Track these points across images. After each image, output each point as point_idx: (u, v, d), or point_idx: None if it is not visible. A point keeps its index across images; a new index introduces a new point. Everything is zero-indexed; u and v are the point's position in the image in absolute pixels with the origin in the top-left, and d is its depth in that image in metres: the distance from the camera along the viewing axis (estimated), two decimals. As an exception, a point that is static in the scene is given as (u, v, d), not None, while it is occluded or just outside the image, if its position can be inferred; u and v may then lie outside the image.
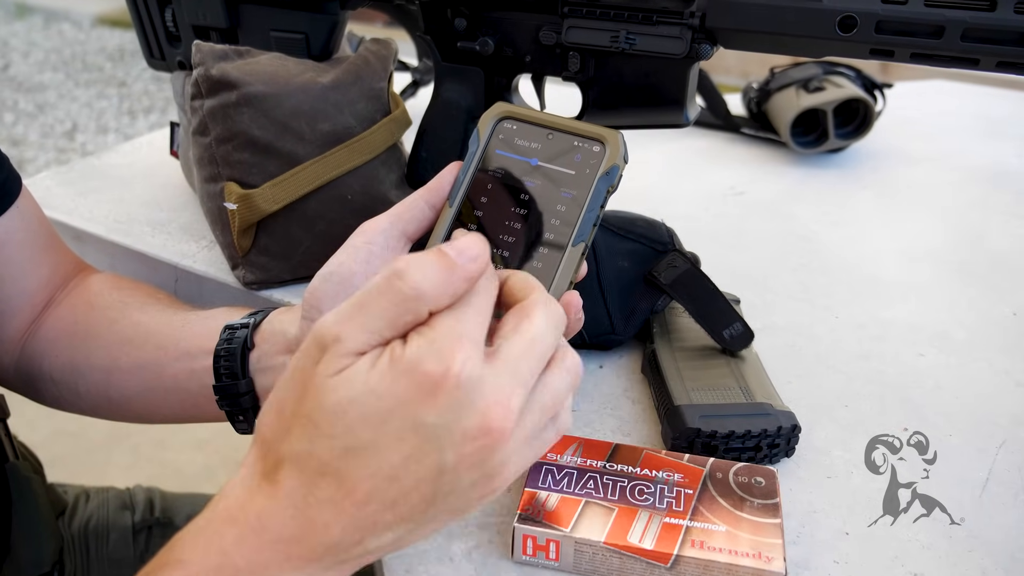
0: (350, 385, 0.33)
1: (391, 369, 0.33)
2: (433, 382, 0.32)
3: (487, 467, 0.34)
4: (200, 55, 0.61)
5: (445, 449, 0.33)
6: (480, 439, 0.33)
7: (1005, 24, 0.44)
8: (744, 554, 0.39)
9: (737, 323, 0.53)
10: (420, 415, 0.33)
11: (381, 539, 0.35)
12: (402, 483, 0.34)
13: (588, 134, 0.48)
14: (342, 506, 0.34)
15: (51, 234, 0.58)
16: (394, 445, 0.33)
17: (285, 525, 0.34)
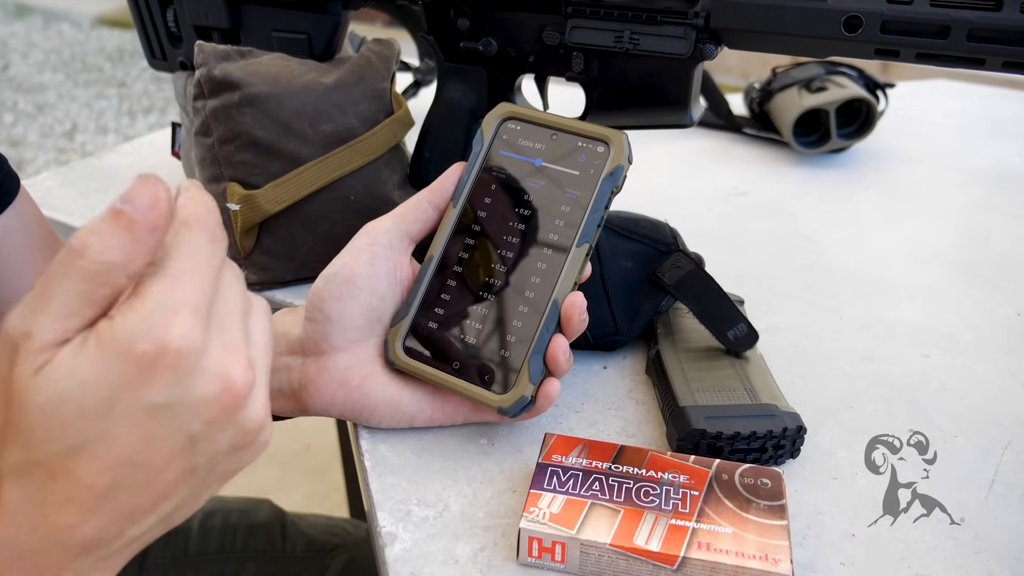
0: (56, 381, 0.30)
1: (101, 353, 0.30)
2: (151, 360, 0.30)
3: (239, 420, 0.32)
4: (203, 55, 0.60)
5: (189, 420, 0.31)
6: (223, 398, 0.31)
7: (1011, 24, 0.44)
8: (751, 556, 0.38)
9: (741, 324, 0.53)
10: (147, 396, 0.30)
11: (143, 524, 0.33)
12: (151, 465, 0.31)
13: (592, 135, 0.48)
14: (86, 502, 0.31)
15: (50, 234, 0.58)
16: (129, 431, 0.31)
17: (22, 541, 0.31)
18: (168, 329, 0.30)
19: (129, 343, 0.29)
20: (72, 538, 0.31)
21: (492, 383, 0.46)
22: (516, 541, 0.41)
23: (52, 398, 0.30)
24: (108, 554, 0.33)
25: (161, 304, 0.30)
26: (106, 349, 0.29)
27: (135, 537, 0.33)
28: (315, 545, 0.78)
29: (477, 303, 0.48)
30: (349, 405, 0.48)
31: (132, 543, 0.33)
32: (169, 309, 0.30)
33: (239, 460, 0.34)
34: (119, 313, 0.30)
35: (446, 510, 0.44)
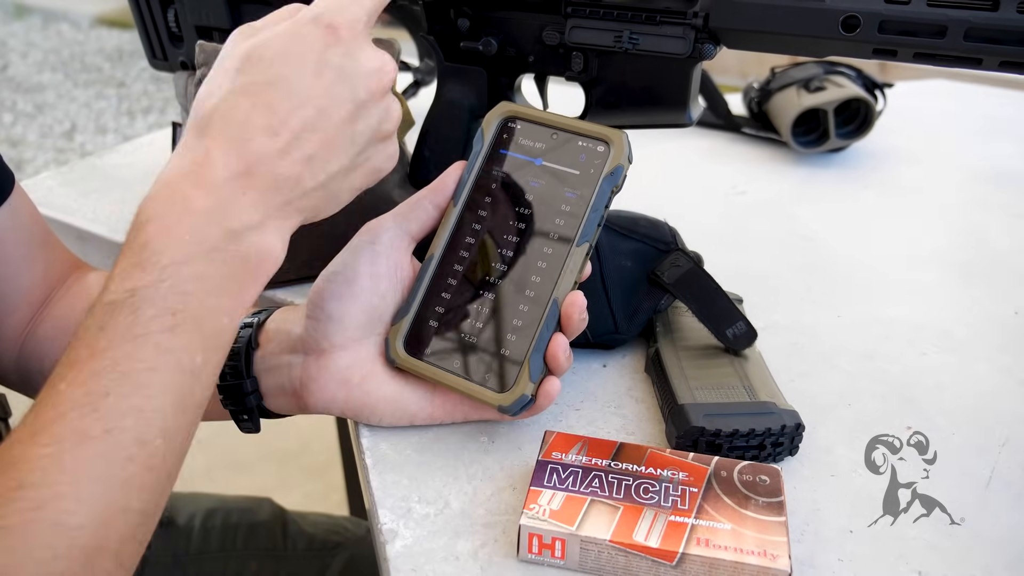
0: (264, 33, 0.41)
1: (298, 21, 0.41)
2: (332, 30, 0.40)
3: (387, 102, 0.43)
4: (204, 55, 0.61)
5: (356, 87, 0.41)
6: (380, 75, 0.42)
7: (1008, 24, 0.45)
8: (749, 552, 0.39)
9: (740, 322, 0.53)
10: (328, 56, 0.40)
11: (316, 176, 0.41)
12: (329, 114, 0.40)
13: (593, 134, 0.48)
14: (279, 133, 0.39)
15: (46, 232, 0.58)
16: (315, 79, 0.40)
17: (231, 163, 0.39)
18: (343, 13, 0.41)
19: (318, 14, 0.41)
20: (267, 165, 0.39)
21: (492, 381, 0.46)
22: (516, 538, 0.41)
23: (258, 43, 0.40)
24: (289, 199, 0.40)
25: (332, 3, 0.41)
26: (302, 18, 0.41)
27: (308, 189, 0.41)
28: (316, 543, 0.78)
29: (477, 302, 0.48)
30: (350, 403, 0.48)
31: (305, 196, 0.41)
32: (341, 5, 0.41)
33: (377, 156, 0.44)
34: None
35: (447, 507, 0.45)
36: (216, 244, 0.38)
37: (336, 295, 0.48)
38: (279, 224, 0.40)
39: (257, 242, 0.39)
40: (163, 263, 0.36)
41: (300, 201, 0.41)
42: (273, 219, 0.40)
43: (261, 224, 0.39)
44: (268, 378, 0.50)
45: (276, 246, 0.40)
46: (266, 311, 0.52)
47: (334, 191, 0.42)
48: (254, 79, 0.40)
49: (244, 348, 0.49)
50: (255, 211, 0.39)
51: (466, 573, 0.41)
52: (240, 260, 0.38)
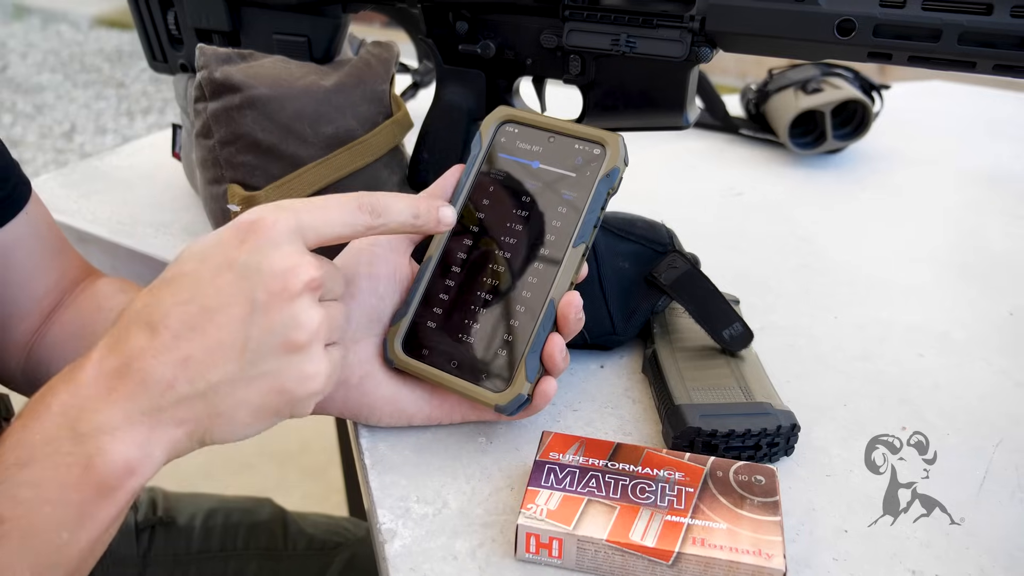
0: (193, 244, 0.39)
1: (228, 224, 0.39)
2: (247, 227, 0.38)
3: (294, 312, 0.37)
4: (204, 58, 0.61)
5: (255, 286, 0.37)
6: (287, 277, 0.37)
7: (1002, 28, 0.45)
8: (745, 551, 0.39)
9: (737, 323, 0.54)
10: (233, 254, 0.37)
11: (194, 383, 0.36)
12: (216, 313, 0.36)
13: (589, 137, 0.49)
14: (157, 331, 0.36)
15: (60, 239, 0.58)
16: (211, 279, 0.37)
17: (106, 359, 0.36)
18: (267, 213, 0.38)
19: (242, 216, 0.38)
20: (138, 363, 0.35)
21: (489, 382, 0.47)
22: (514, 537, 0.41)
23: (188, 245, 0.39)
24: (161, 406, 0.35)
25: (280, 204, 0.39)
26: (230, 224, 0.38)
27: (183, 397, 0.36)
28: (316, 544, 0.78)
29: (475, 303, 0.48)
30: (348, 403, 0.49)
31: (179, 403, 0.36)
32: (279, 207, 0.39)
33: (285, 372, 0.38)
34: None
35: (445, 507, 0.45)
36: (60, 447, 0.33)
37: (335, 297, 0.48)
38: (145, 434, 0.35)
39: (109, 450, 0.34)
40: (7, 462, 0.33)
41: (175, 410, 0.36)
42: (137, 426, 0.35)
43: (119, 429, 0.34)
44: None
45: (135, 458, 0.35)
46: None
47: (222, 406, 0.37)
48: (163, 277, 0.38)
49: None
50: (114, 413, 0.35)
51: (464, 572, 0.41)
52: (81, 468, 0.33)
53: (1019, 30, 0.45)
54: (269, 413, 0.38)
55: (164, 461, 0.36)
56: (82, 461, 0.34)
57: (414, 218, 0.44)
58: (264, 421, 0.39)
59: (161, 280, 0.38)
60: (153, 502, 0.76)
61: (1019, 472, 0.49)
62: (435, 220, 0.46)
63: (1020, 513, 0.46)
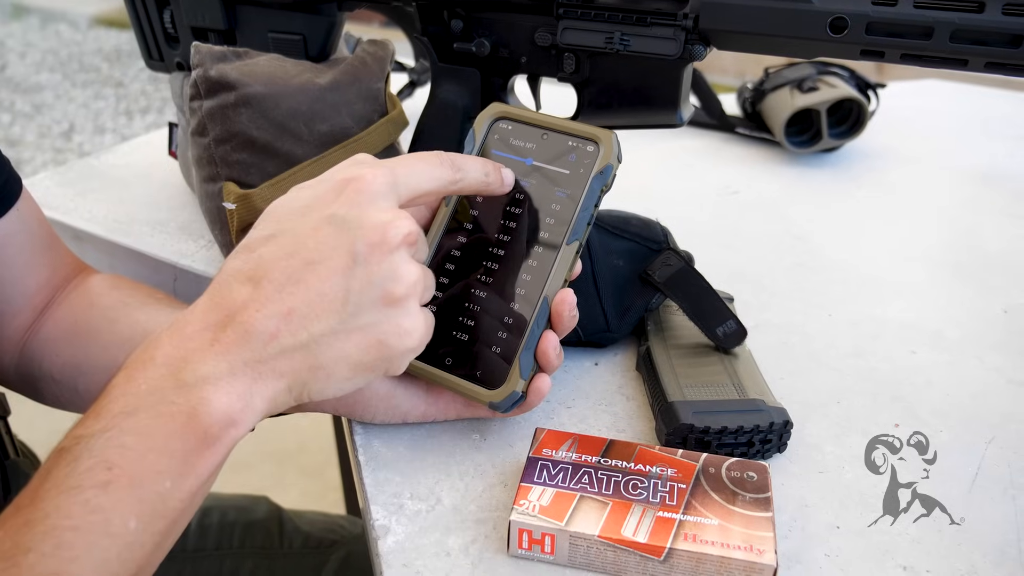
0: (295, 191, 0.40)
1: (320, 179, 0.40)
2: (343, 183, 0.39)
3: (394, 262, 0.38)
4: (199, 56, 0.61)
5: (355, 238, 0.37)
6: (387, 230, 0.37)
7: (993, 25, 0.45)
8: (736, 547, 0.39)
9: (730, 321, 0.54)
10: (332, 208, 0.38)
11: (296, 335, 0.36)
12: (318, 265, 0.37)
13: (582, 134, 0.49)
14: (260, 284, 0.37)
15: (51, 235, 0.58)
16: (311, 232, 0.37)
17: (209, 312, 0.37)
18: (365, 170, 0.39)
19: (337, 172, 0.40)
20: (240, 316, 0.36)
21: (484, 379, 0.47)
22: (507, 533, 0.42)
23: (279, 202, 0.40)
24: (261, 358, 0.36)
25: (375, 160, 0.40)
26: (333, 174, 0.40)
27: (285, 349, 0.36)
28: (312, 542, 0.78)
29: (469, 300, 0.48)
30: (344, 401, 0.49)
31: (280, 356, 0.36)
32: (375, 164, 0.40)
33: (384, 325, 0.38)
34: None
35: (439, 503, 0.45)
36: (165, 396, 0.34)
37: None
38: (247, 385, 0.36)
39: (212, 400, 0.35)
40: (113, 411, 0.34)
41: (276, 361, 0.36)
42: (239, 377, 0.35)
43: (223, 380, 0.35)
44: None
45: (236, 408, 0.35)
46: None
47: (322, 359, 0.37)
48: (260, 233, 0.39)
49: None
50: (218, 364, 0.35)
51: (457, 568, 0.41)
52: (185, 416, 0.34)
53: (1010, 28, 0.45)
54: (366, 368, 0.39)
55: (264, 413, 0.37)
56: (186, 410, 0.34)
57: (485, 175, 0.46)
58: (361, 376, 0.39)
59: (258, 237, 0.39)
60: (150, 500, 0.76)
61: (1011, 469, 0.49)
62: (500, 180, 0.47)
63: (1012, 510, 0.46)
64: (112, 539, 0.32)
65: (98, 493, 0.32)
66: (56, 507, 0.32)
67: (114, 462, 0.33)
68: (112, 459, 0.33)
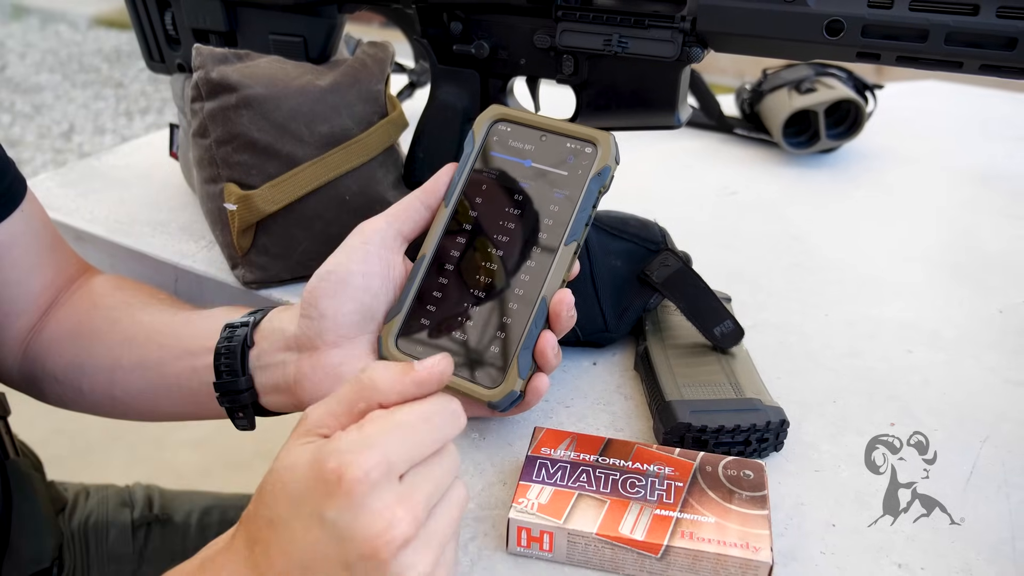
0: (288, 456, 0.37)
1: (314, 452, 0.35)
2: (334, 480, 0.34)
3: (389, 573, 0.34)
4: (200, 58, 0.62)
5: (347, 549, 0.34)
6: (379, 540, 0.34)
7: (987, 28, 0.46)
8: (732, 544, 0.40)
9: (728, 321, 0.54)
10: (323, 508, 0.34)
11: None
12: (312, 571, 0.35)
13: (580, 136, 0.49)
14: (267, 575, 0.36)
15: (55, 236, 0.59)
16: (304, 530, 0.35)
17: (236, 572, 0.37)
18: (354, 459, 0.34)
19: (325, 458, 0.34)
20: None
21: (482, 378, 0.47)
22: (506, 531, 0.42)
23: (279, 468, 0.37)
24: None
25: (364, 438, 0.35)
26: (314, 454, 0.35)
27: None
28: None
29: (468, 300, 0.49)
30: (343, 400, 0.49)
31: None
32: (367, 445, 0.34)
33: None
34: (345, 431, 0.36)
35: (438, 502, 0.46)
36: None
37: (330, 294, 0.48)
38: None
39: None
40: None
41: None
42: None
43: None
44: (263, 376, 0.51)
45: None
46: (261, 311, 0.53)
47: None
48: (259, 511, 0.37)
49: (239, 346, 0.50)
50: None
51: (457, 566, 0.42)
52: None
53: (1005, 30, 0.45)
54: None
55: None
56: None
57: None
58: None
59: (262, 517, 0.36)
60: (149, 500, 0.76)
61: (1005, 468, 0.49)
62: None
63: (1006, 508, 0.47)
64: None
65: None
66: None
67: None
68: None
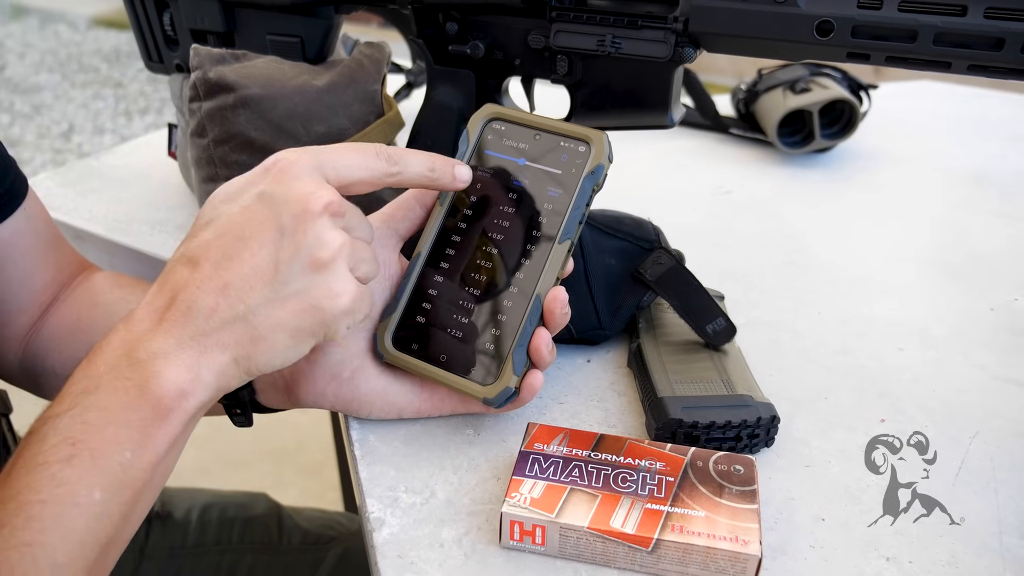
0: (225, 184, 0.42)
1: (264, 163, 0.42)
2: (271, 164, 0.41)
3: (318, 230, 0.39)
4: (198, 59, 0.62)
5: (281, 212, 0.39)
6: (309, 200, 0.39)
7: (975, 29, 0.46)
8: (722, 538, 0.40)
9: (720, 318, 0.55)
10: (259, 186, 0.41)
11: (234, 307, 0.39)
12: (250, 243, 0.39)
13: (574, 135, 0.50)
14: (198, 264, 0.39)
15: (56, 234, 0.59)
16: (241, 211, 0.40)
17: (157, 295, 0.40)
18: (291, 153, 0.42)
19: (267, 160, 0.42)
20: (183, 295, 0.39)
21: (477, 375, 0.48)
22: (499, 525, 0.43)
23: (214, 192, 0.42)
24: (205, 331, 0.39)
25: (305, 147, 0.42)
26: (264, 162, 0.42)
27: (223, 322, 0.39)
28: (311, 538, 0.79)
29: (463, 298, 0.49)
30: (339, 397, 0.50)
31: (223, 330, 0.39)
32: (304, 151, 0.42)
33: (313, 290, 0.40)
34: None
35: (432, 496, 0.46)
36: (120, 372, 0.37)
37: (326, 292, 0.49)
38: (194, 357, 0.38)
39: (162, 372, 0.37)
40: (75, 392, 0.37)
41: (219, 334, 0.39)
42: (186, 350, 0.38)
43: (171, 354, 0.38)
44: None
45: (186, 380, 0.38)
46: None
47: (261, 328, 0.39)
48: (200, 221, 0.41)
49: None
50: (166, 340, 0.38)
51: (450, 559, 0.42)
52: (138, 389, 0.37)
53: (992, 31, 0.46)
54: (305, 334, 0.40)
55: (215, 387, 0.39)
56: (139, 383, 0.37)
57: (430, 171, 0.47)
58: (302, 343, 0.41)
59: (197, 224, 0.41)
60: (150, 496, 0.77)
61: (994, 463, 0.50)
62: (451, 175, 0.48)
63: (994, 503, 0.47)
64: (79, 509, 0.35)
65: (63, 467, 0.35)
66: (26, 484, 0.34)
67: (77, 437, 0.36)
68: (75, 435, 0.36)
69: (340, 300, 0.40)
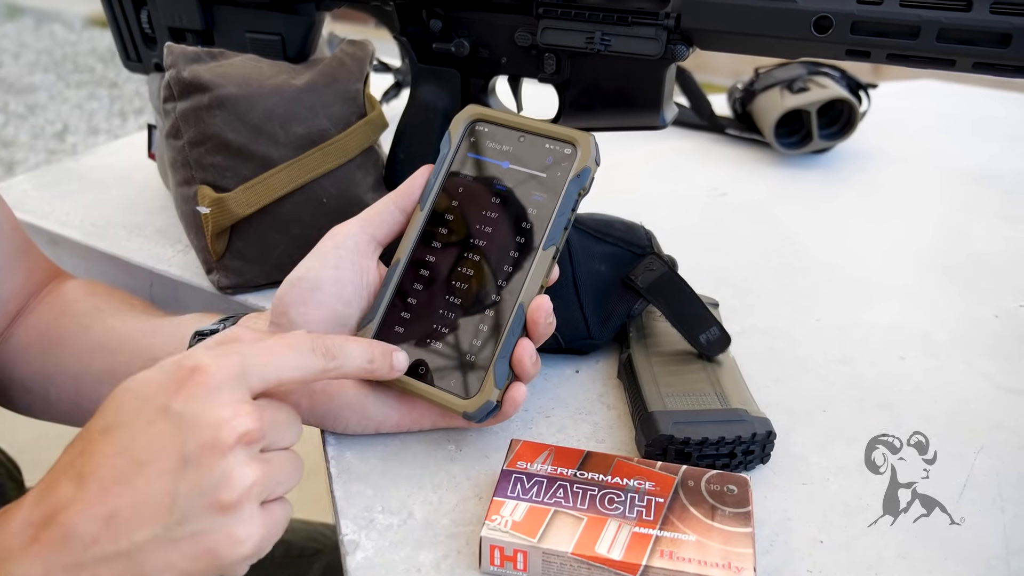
0: (143, 373, 0.37)
1: (168, 365, 0.36)
2: (188, 372, 0.35)
3: (226, 469, 0.34)
4: (172, 57, 0.60)
5: (188, 439, 0.34)
6: (222, 431, 0.34)
7: (981, 24, 0.44)
8: (714, 564, 0.38)
9: (714, 327, 0.53)
10: (169, 401, 0.35)
11: (118, 543, 0.34)
12: (147, 469, 0.34)
13: (560, 136, 0.48)
14: (85, 485, 0.34)
15: (25, 240, 0.57)
16: (144, 428, 0.35)
17: (35, 508, 0.35)
18: (213, 359, 0.36)
19: (184, 358, 0.36)
20: (61, 517, 0.34)
21: (458, 388, 0.45)
22: (478, 549, 0.40)
23: (125, 384, 0.36)
24: (81, 562, 0.34)
25: (227, 348, 0.37)
26: (174, 360, 0.36)
27: (102, 556, 0.34)
28: (294, 551, 0.77)
29: (443, 307, 0.47)
30: (314, 410, 0.47)
31: (100, 565, 0.34)
32: (228, 351, 0.36)
33: (213, 534, 0.34)
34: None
35: (410, 517, 0.44)
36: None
37: (300, 301, 0.47)
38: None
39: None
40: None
41: (96, 567, 0.34)
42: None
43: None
44: (233, 385, 0.49)
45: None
46: (232, 317, 0.51)
47: (146, 567, 0.34)
48: (99, 423, 0.36)
49: (208, 355, 0.48)
50: (33, 565, 0.33)
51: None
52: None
53: (998, 27, 0.44)
54: (193, 573, 0.35)
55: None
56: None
57: (368, 363, 0.43)
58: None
59: (96, 427, 0.36)
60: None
61: (1000, 479, 0.48)
62: (388, 366, 0.44)
63: (1000, 522, 0.45)
64: None
65: None
66: None
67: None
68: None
69: (241, 548, 0.35)
